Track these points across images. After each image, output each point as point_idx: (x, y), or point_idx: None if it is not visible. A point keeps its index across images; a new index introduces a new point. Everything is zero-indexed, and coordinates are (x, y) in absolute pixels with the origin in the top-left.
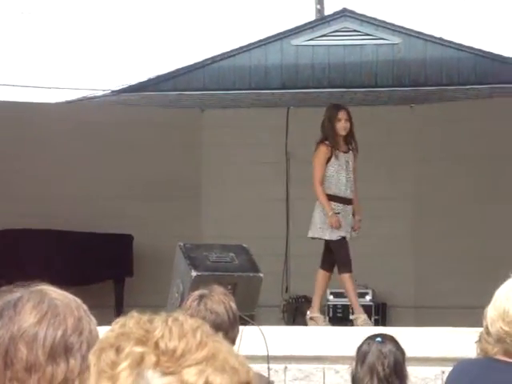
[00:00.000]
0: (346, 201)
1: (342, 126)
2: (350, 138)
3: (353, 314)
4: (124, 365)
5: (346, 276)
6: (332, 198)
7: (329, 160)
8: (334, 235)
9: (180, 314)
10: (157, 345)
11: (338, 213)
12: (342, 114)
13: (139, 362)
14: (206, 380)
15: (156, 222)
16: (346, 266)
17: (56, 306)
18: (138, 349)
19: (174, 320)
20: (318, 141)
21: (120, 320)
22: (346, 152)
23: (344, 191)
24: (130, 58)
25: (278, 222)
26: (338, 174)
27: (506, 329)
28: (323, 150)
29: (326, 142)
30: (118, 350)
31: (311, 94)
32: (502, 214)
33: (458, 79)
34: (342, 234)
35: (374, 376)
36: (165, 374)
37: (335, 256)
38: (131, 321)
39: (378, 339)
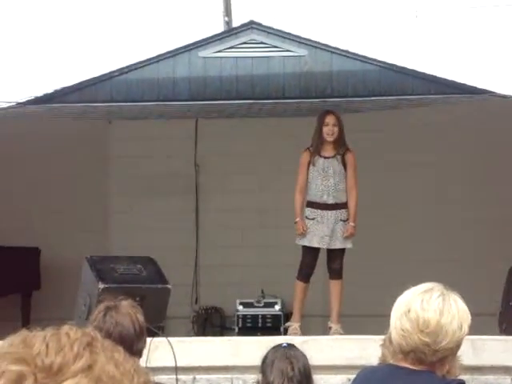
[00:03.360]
0: (323, 206)
1: (327, 131)
2: (339, 143)
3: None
4: None
5: (296, 282)
6: (309, 204)
7: (309, 166)
8: (299, 241)
9: (64, 327)
10: (35, 362)
11: (313, 218)
12: (329, 119)
13: (16, 380)
14: None
15: (63, 235)
16: (299, 272)
17: None
18: (15, 367)
19: (53, 335)
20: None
21: (8, 339)
22: (328, 157)
23: (320, 197)
24: (35, 69)
25: (187, 233)
26: (315, 180)
27: (426, 340)
28: (302, 156)
29: (309, 148)
30: None
31: (219, 105)
32: (406, 220)
33: (364, 91)
34: (305, 242)
35: (285, 379)
36: None
37: None
38: (17, 339)
39: (284, 345)
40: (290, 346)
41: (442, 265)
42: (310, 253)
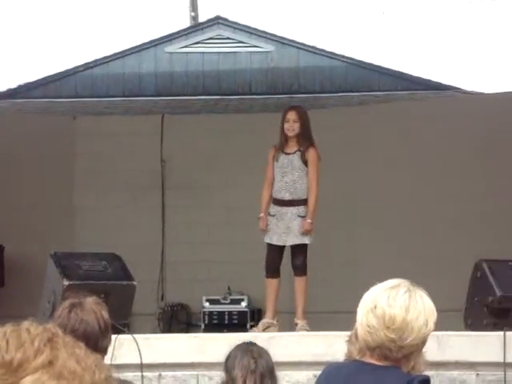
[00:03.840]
0: (281, 203)
1: (288, 127)
2: (301, 138)
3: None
4: None
5: (265, 280)
6: (273, 200)
7: (274, 162)
8: (264, 238)
9: (25, 323)
10: None
11: (274, 215)
12: (290, 115)
13: None
14: None
15: (27, 232)
16: (265, 269)
17: None
18: None
19: (13, 330)
20: None
21: None
22: (289, 154)
23: (279, 193)
24: None
25: (153, 229)
26: (277, 176)
27: (392, 336)
28: (269, 153)
29: (275, 145)
30: None
31: (186, 101)
32: (371, 217)
33: (331, 87)
34: (267, 239)
35: (248, 372)
36: None
37: None
38: None
39: (248, 342)
40: (252, 343)
41: (408, 261)
42: (274, 250)
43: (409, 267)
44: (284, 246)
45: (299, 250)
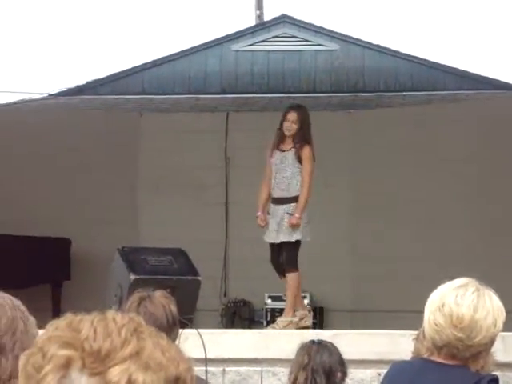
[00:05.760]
0: (274, 200)
1: (287, 126)
2: (297, 136)
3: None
4: (47, 368)
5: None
6: (270, 198)
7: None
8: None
9: (110, 312)
10: (82, 346)
11: (269, 213)
12: (290, 115)
13: (64, 364)
14: (128, 378)
15: (94, 226)
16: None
17: None
18: (63, 352)
19: (100, 320)
20: None
21: (54, 322)
22: (284, 151)
23: (273, 190)
24: (67, 60)
25: (217, 226)
26: (272, 174)
27: (460, 335)
28: (267, 151)
29: (273, 142)
30: (44, 354)
31: (251, 99)
32: (437, 216)
33: (395, 86)
34: (265, 237)
35: (300, 368)
36: (91, 374)
37: None
38: (63, 323)
39: (313, 340)
40: (316, 341)
41: (475, 261)
42: (272, 249)
43: (475, 267)
44: (280, 245)
45: (285, 248)
